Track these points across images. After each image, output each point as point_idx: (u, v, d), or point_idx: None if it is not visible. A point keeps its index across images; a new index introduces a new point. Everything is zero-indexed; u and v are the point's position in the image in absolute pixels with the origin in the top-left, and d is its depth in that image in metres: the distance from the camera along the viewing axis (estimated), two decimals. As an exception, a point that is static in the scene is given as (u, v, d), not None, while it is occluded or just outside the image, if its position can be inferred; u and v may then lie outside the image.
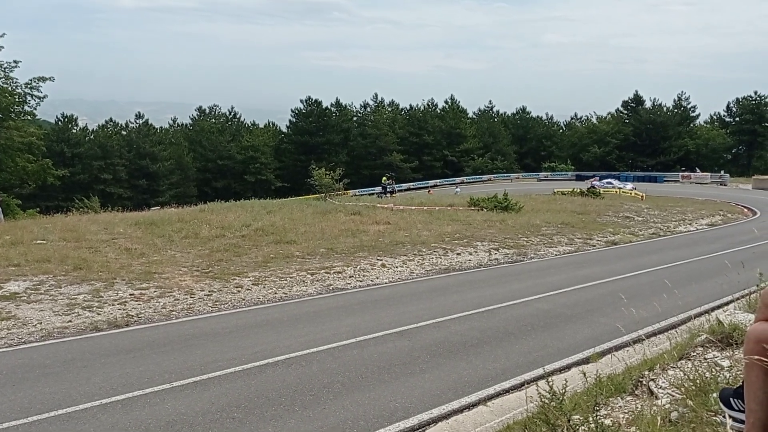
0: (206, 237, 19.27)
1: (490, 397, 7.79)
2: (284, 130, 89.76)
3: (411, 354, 9.35)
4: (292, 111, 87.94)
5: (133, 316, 11.23)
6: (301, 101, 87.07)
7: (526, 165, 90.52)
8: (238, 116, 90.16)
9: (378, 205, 30.70)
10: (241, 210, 25.66)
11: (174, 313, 11.62)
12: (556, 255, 20.31)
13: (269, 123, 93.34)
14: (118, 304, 11.86)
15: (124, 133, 79.09)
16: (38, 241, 17.41)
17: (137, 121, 79.98)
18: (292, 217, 24.00)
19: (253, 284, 13.96)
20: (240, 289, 13.52)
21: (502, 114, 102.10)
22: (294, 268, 15.69)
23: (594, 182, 56.97)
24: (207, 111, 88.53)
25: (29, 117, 44.69)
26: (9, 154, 40.89)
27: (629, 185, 56.74)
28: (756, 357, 2.16)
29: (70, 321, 10.74)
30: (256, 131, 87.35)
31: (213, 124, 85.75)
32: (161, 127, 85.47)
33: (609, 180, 61.54)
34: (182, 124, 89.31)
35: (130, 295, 12.56)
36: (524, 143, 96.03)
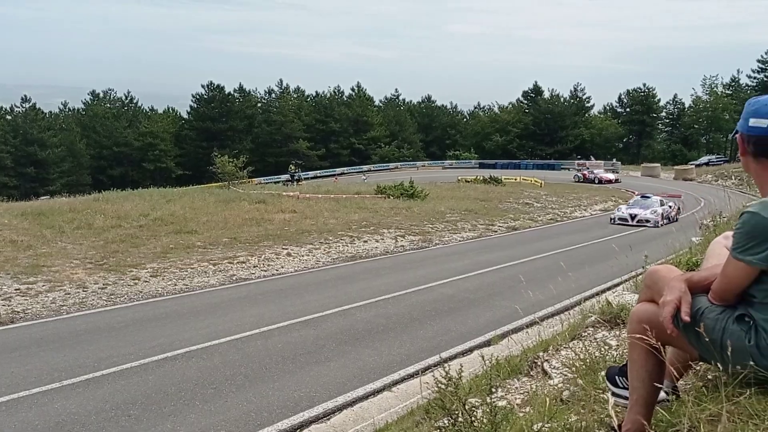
0: (100, 227, 18.40)
1: (395, 383, 7.85)
2: (185, 116, 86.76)
3: (316, 343, 9.29)
4: (193, 96, 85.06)
5: (18, 312, 10.56)
6: (203, 86, 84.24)
7: (431, 153, 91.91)
8: (134, 101, 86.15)
9: (284, 194, 30.32)
10: (139, 199, 24.69)
11: (65, 307, 11.03)
12: (460, 241, 20.78)
13: (169, 108, 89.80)
14: (1, 300, 11.12)
15: (9, 117, 73.88)
16: None
17: (23, 105, 74.81)
18: (194, 206, 23.31)
19: (151, 276, 13.45)
20: (137, 281, 12.98)
21: (408, 102, 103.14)
22: (195, 259, 15.25)
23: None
24: (101, 95, 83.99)
25: None
26: None
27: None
28: (638, 336, 2.24)
29: (-53, 320, 9.97)
30: (154, 117, 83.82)
31: (108, 109, 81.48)
32: (50, 112, 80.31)
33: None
34: (74, 109, 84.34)
35: (16, 289, 11.80)
36: (429, 132, 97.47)
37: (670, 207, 27.45)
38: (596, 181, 53.37)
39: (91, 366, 8.01)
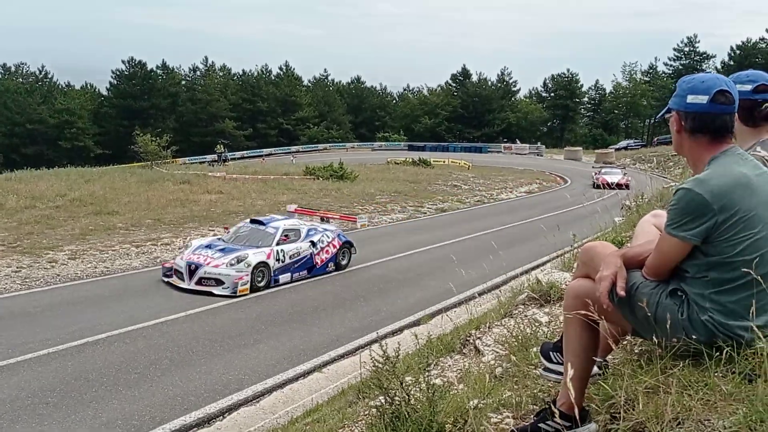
0: (13, 208, 17.45)
1: (325, 364, 7.83)
2: (104, 92, 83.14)
3: (245, 325, 9.14)
4: (112, 72, 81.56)
5: None
6: (123, 62, 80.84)
7: (361, 135, 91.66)
8: (49, 76, 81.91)
9: (210, 174, 29.62)
10: (55, 178, 23.62)
11: (-26, 292, 10.42)
12: (389, 222, 20.84)
13: (87, 84, 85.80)
14: None
15: None
16: None
17: (-74, 78, 70.00)
18: (114, 186, 22.46)
19: (69, 258, 12.86)
20: (54, 264, 12.39)
21: (337, 83, 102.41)
22: (116, 241, 14.68)
23: None
24: (12, 69, 79.43)
25: None
26: None
27: None
28: (574, 312, 2.25)
29: None
30: (71, 93, 79.84)
31: (20, 84, 77.18)
32: (-44, 87, 75.41)
33: None
34: (-18, 83, 79.43)
35: None
36: (359, 113, 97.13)
37: (313, 245, 12.83)
38: (593, 185, 35.20)
39: (5, 353, 7.60)
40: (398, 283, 11.89)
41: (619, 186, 32.32)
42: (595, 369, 2.55)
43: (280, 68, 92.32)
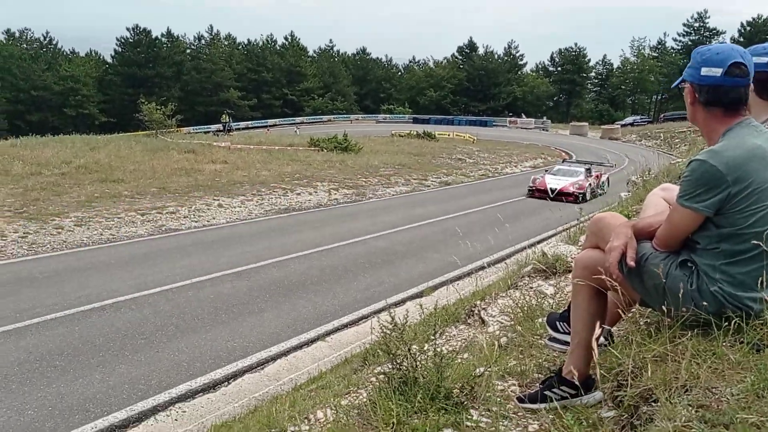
0: (19, 174, 17.48)
1: (329, 333, 7.89)
2: (109, 60, 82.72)
3: (250, 294, 9.19)
4: (117, 40, 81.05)
5: (-70, 261, 9.97)
6: (128, 29, 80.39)
7: (365, 107, 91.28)
8: (54, 42, 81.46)
9: (214, 144, 29.56)
10: (61, 145, 23.62)
11: (-19, 257, 10.48)
12: (393, 195, 20.84)
13: (91, 52, 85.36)
14: None
15: None
16: None
17: (-70, 41, 69.62)
18: (119, 154, 22.45)
19: (75, 225, 12.91)
20: (60, 230, 12.44)
21: (342, 54, 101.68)
22: (122, 208, 14.71)
23: None
24: (17, 35, 79.01)
25: None
26: None
27: None
28: (583, 281, 2.27)
29: None
30: (76, 60, 79.49)
31: (24, 50, 76.79)
32: (-41, 51, 75.02)
33: None
34: (-14, 49, 78.97)
35: (-74, 238, 11.11)
36: (364, 84, 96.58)
37: None
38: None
39: (13, 317, 7.67)
40: (401, 256, 11.92)
41: (562, 196, 20.16)
42: (602, 339, 2.58)
43: (285, 38, 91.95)
